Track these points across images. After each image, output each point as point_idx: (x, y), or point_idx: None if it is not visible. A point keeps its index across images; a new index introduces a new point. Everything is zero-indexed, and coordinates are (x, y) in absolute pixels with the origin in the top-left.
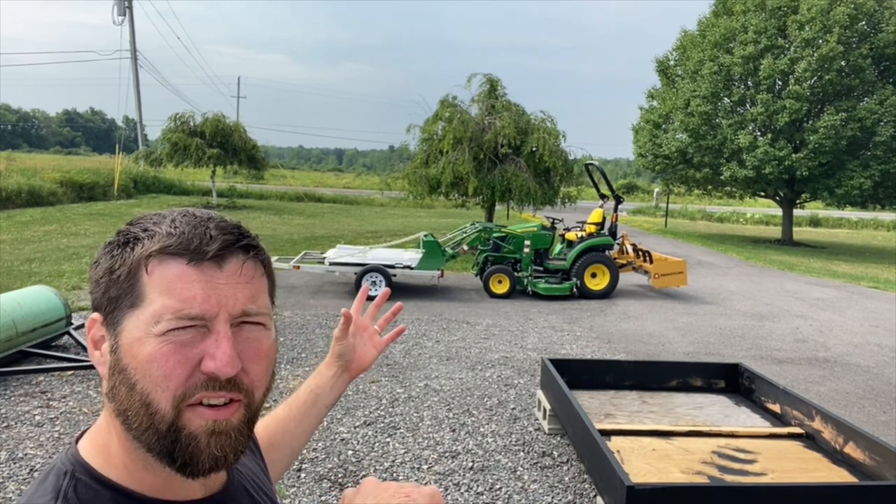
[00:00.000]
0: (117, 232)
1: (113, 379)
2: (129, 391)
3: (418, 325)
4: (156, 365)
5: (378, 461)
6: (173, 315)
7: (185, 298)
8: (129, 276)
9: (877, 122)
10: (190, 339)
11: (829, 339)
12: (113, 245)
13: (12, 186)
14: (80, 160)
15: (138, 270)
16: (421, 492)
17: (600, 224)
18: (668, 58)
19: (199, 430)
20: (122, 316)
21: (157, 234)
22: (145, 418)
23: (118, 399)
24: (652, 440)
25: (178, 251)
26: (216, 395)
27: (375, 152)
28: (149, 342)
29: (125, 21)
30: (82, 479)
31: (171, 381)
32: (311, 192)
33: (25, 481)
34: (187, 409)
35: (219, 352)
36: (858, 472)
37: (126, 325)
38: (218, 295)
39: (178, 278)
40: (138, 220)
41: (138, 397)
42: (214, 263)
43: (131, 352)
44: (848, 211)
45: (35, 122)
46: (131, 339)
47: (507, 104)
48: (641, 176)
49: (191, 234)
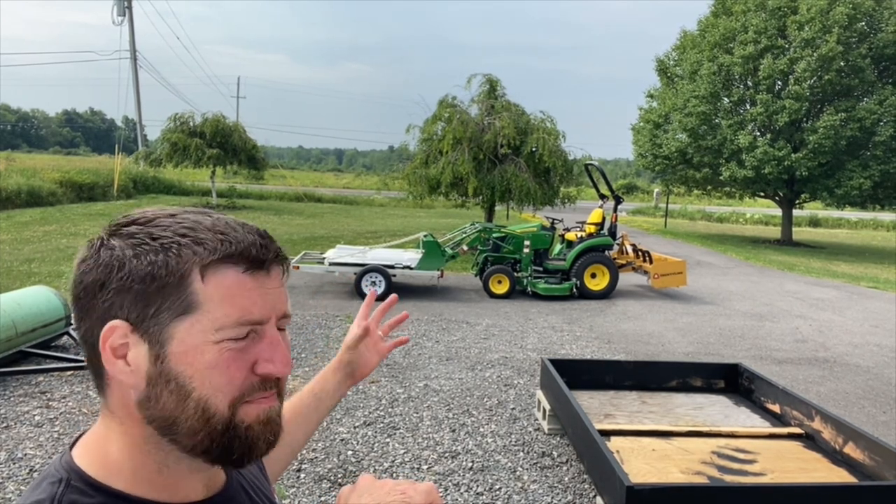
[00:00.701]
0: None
1: (154, 388)
2: (181, 399)
3: (418, 325)
4: (217, 372)
5: (378, 461)
6: (234, 323)
7: (245, 306)
8: (178, 285)
9: (876, 123)
10: (246, 345)
11: (829, 339)
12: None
13: (12, 187)
14: (80, 160)
15: (188, 278)
16: (417, 489)
17: (600, 224)
18: (668, 58)
19: (254, 420)
20: (167, 324)
21: (206, 240)
22: (199, 423)
23: (160, 407)
24: (651, 440)
25: (237, 260)
26: (268, 394)
27: (375, 152)
28: (208, 350)
29: (125, 21)
30: (78, 485)
31: (233, 385)
32: (311, 192)
33: (25, 481)
34: (243, 406)
35: (276, 355)
36: (858, 473)
37: (176, 334)
38: (269, 301)
39: (236, 286)
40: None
41: (194, 404)
42: (265, 271)
43: (186, 360)
44: (847, 211)
45: (35, 122)
46: (186, 347)
47: (506, 104)
48: (641, 176)
49: (241, 240)
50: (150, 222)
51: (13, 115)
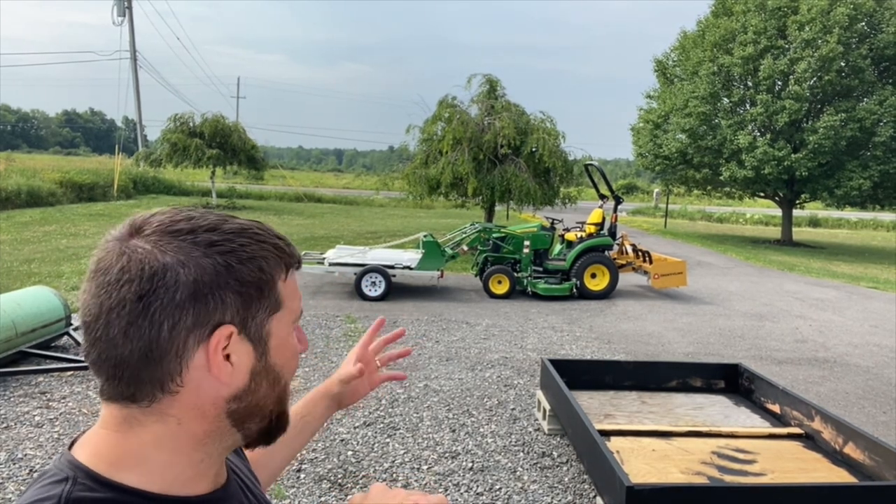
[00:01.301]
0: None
1: (256, 382)
2: (274, 386)
3: (418, 325)
4: (295, 357)
5: (378, 462)
6: (297, 316)
7: (299, 301)
8: (272, 287)
9: (876, 123)
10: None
11: (829, 339)
12: (242, 258)
13: (12, 187)
14: (80, 161)
15: (276, 280)
16: (429, 500)
17: (600, 224)
18: (667, 58)
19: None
20: (263, 322)
21: (281, 248)
22: (276, 404)
23: (257, 398)
24: (651, 440)
25: (294, 262)
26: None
27: (375, 153)
28: (290, 340)
29: (125, 21)
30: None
31: (297, 367)
32: (311, 192)
33: (25, 482)
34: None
35: (303, 337)
36: (858, 473)
37: (273, 330)
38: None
39: (294, 283)
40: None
41: (280, 389)
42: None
43: (280, 351)
44: (847, 211)
45: (34, 122)
46: (280, 340)
47: (506, 104)
48: (641, 176)
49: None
50: (216, 230)
51: (13, 115)
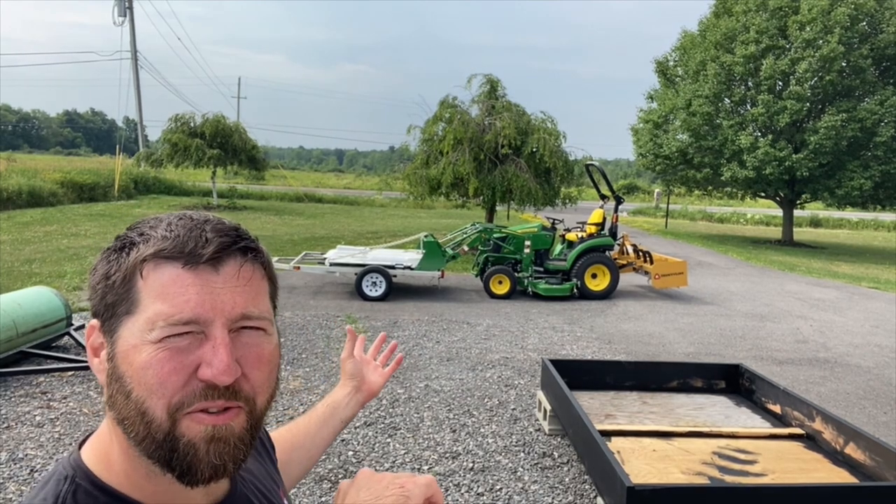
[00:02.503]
0: (116, 237)
1: (111, 387)
2: (125, 399)
3: (418, 325)
4: (151, 372)
5: (378, 462)
6: (166, 321)
7: (179, 303)
8: (124, 282)
9: (877, 123)
10: (186, 346)
11: (830, 339)
12: (110, 250)
13: (13, 187)
14: (81, 161)
15: (133, 276)
16: (416, 482)
17: (601, 225)
18: (668, 58)
19: (197, 436)
20: (119, 323)
21: (153, 237)
22: (142, 427)
23: (117, 407)
24: (652, 441)
25: (172, 255)
26: (214, 404)
27: (376, 153)
28: (144, 349)
29: (125, 21)
30: (82, 484)
31: (166, 388)
32: (312, 192)
33: (26, 482)
34: (185, 418)
35: (215, 359)
36: (859, 473)
37: (122, 333)
38: (214, 299)
39: (172, 283)
40: (136, 224)
41: (134, 405)
42: (210, 266)
43: (127, 359)
44: (848, 211)
45: (35, 122)
46: (127, 346)
47: (507, 105)
48: (642, 176)
49: (186, 237)
50: (134, 226)
51: (14, 115)
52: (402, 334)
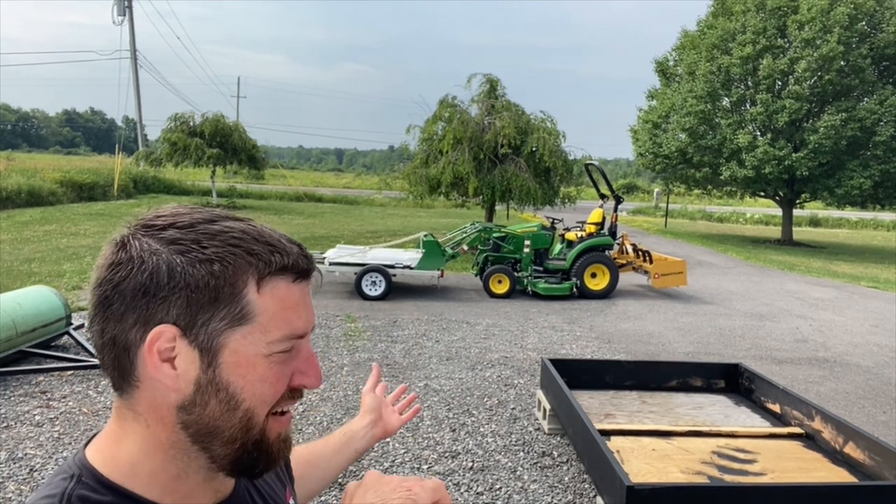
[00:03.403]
0: (175, 241)
1: (202, 396)
2: (229, 408)
3: (418, 325)
4: (267, 385)
5: (378, 461)
6: (285, 336)
7: (293, 321)
8: (232, 295)
9: (876, 122)
10: (287, 358)
11: (829, 339)
12: (199, 258)
13: (12, 186)
14: (80, 160)
15: (244, 288)
16: (423, 485)
17: (600, 224)
18: (668, 58)
19: (274, 438)
20: (220, 333)
21: (259, 252)
22: (241, 432)
23: (204, 414)
24: (652, 440)
25: (287, 272)
26: (294, 404)
27: (375, 152)
28: (260, 362)
29: (125, 21)
30: (88, 482)
31: (275, 398)
32: (311, 192)
33: (25, 481)
34: (272, 419)
35: (311, 369)
36: (858, 472)
37: (229, 344)
38: (308, 314)
39: (287, 297)
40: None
41: (242, 414)
42: (307, 282)
43: (238, 371)
44: (848, 211)
45: (35, 121)
46: (239, 357)
47: (506, 104)
48: (641, 176)
49: (295, 255)
50: (192, 227)
51: (13, 114)
52: (402, 333)
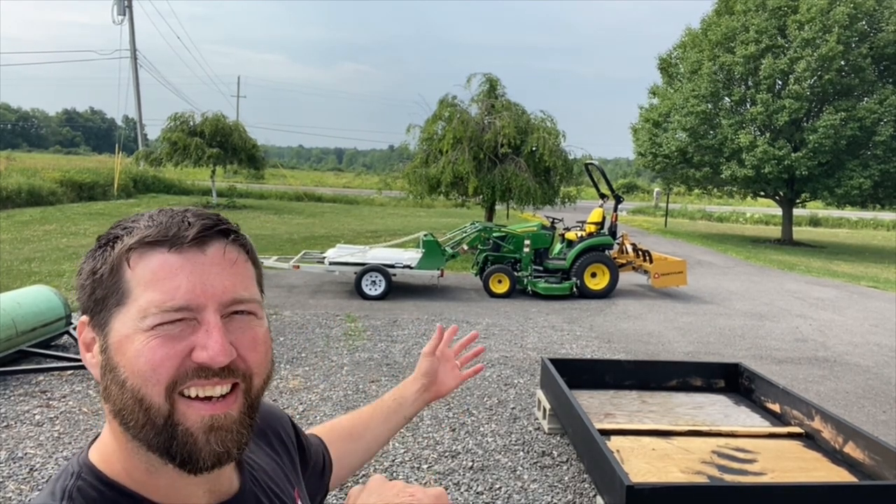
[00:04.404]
0: (98, 237)
1: (105, 379)
2: (120, 389)
3: (418, 324)
4: (143, 359)
5: (378, 460)
6: (158, 308)
7: (170, 289)
8: (112, 274)
9: (876, 122)
10: (178, 333)
11: (829, 338)
12: (95, 249)
13: (12, 186)
14: (80, 160)
15: (121, 267)
16: (427, 493)
17: (600, 224)
18: (671, 56)
19: (195, 426)
20: (110, 315)
21: (136, 228)
22: (141, 414)
23: (112, 398)
24: (652, 440)
25: (157, 239)
26: (209, 382)
27: (375, 152)
28: (137, 338)
29: (125, 21)
30: (87, 479)
31: (159, 373)
32: (311, 191)
33: (25, 481)
34: (181, 402)
35: (210, 341)
36: (858, 472)
37: (114, 324)
38: (204, 283)
39: (160, 268)
40: (118, 222)
41: (130, 394)
42: (196, 248)
43: (120, 349)
44: (847, 210)
45: (34, 121)
46: (119, 336)
47: (506, 104)
48: (641, 176)
49: (168, 223)
50: (116, 224)
51: (13, 114)
52: (402, 333)
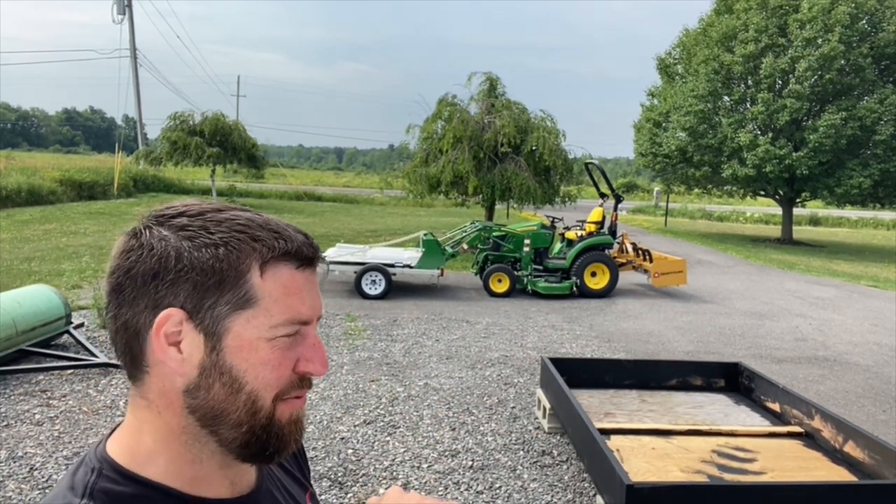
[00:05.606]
0: (184, 227)
1: (206, 378)
2: (232, 391)
3: (418, 324)
4: (269, 368)
5: (378, 460)
6: (287, 321)
7: (296, 305)
8: (237, 279)
9: (877, 121)
10: (290, 343)
11: (829, 337)
12: (204, 243)
13: (12, 185)
14: (80, 159)
15: (249, 272)
16: None
17: (600, 223)
18: (669, 55)
19: (285, 419)
20: (224, 316)
21: (263, 238)
22: (246, 416)
23: (209, 398)
24: (651, 439)
25: (291, 258)
26: (304, 392)
27: (375, 151)
28: (261, 346)
29: (125, 20)
30: (109, 475)
31: (280, 382)
32: (311, 190)
33: (25, 480)
34: (281, 403)
35: (317, 356)
36: (858, 471)
37: (233, 327)
38: (313, 301)
39: (290, 283)
40: (207, 216)
41: (245, 397)
42: (312, 270)
43: (241, 354)
44: (848, 210)
45: (34, 120)
46: (241, 341)
47: (506, 103)
48: (641, 175)
49: (299, 242)
50: (201, 215)
51: (13, 113)
52: (402, 332)
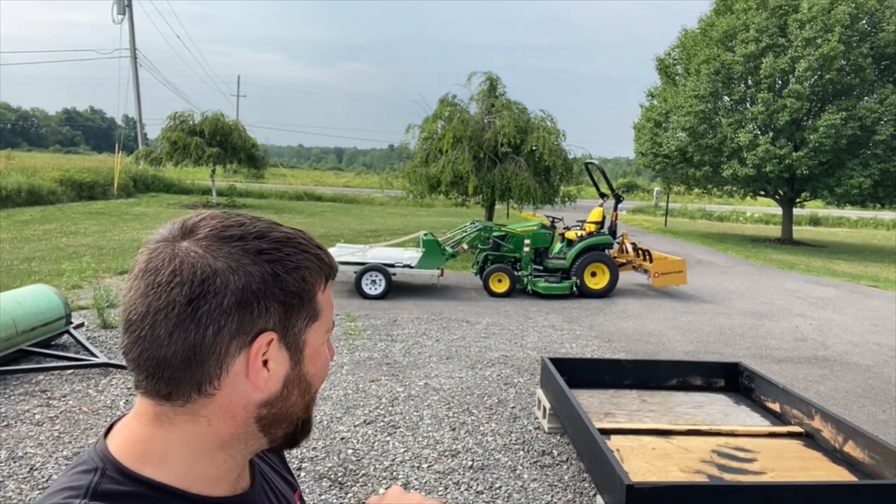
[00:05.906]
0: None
1: (287, 389)
2: (304, 395)
3: (418, 323)
4: (325, 367)
5: (378, 460)
6: (331, 326)
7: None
8: (312, 297)
9: (877, 121)
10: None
11: (829, 337)
12: (288, 268)
13: (12, 185)
14: (80, 159)
15: (315, 288)
16: None
17: (600, 223)
18: (669, 56)
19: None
20: (301, 331)
21: (322, 259)
22: (304, 412)
23: (286, 405)
24: (651, 439)
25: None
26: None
27: (375, 151)
28: (322, 350)
29: (125, 20)
30: (113, 475)
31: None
32: (311, 190)
33: (25, 480)
34: None
35: (332, 350)
36: (858, 471)
37: (309, 339)
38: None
39: (329, 294)
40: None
41: (310, 397)
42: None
43: (312, 360)
44: (848, 210)
45: (34, 120)
46: (312, 350)
47: (506, 103)
48: (641, 175)
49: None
50: (265, 238)
51: (13, 113)
52: (402, 332)
